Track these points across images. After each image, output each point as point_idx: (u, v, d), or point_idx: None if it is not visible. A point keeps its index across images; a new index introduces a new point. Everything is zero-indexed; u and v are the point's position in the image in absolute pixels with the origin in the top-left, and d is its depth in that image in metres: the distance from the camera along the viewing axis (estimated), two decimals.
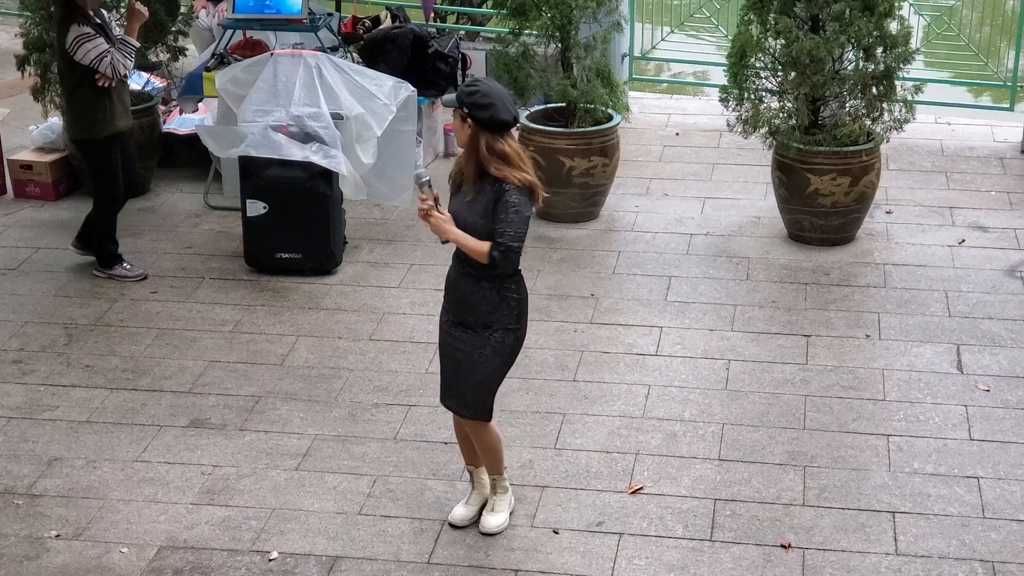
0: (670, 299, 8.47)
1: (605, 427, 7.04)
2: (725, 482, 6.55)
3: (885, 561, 5.96)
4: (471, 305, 5.85)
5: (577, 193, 9.55)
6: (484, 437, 6.10)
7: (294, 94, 8.85)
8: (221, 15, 11.37)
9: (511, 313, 5.87)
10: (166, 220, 9.86)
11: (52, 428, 7.11)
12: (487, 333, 5.87)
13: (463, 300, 5.88)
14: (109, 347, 7.96)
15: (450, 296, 5.96)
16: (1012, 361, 7.63)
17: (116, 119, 8.61)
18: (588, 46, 9.69)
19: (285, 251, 8.82)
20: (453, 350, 5.96)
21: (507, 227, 5.65)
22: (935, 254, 9.06)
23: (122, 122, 8.69)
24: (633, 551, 6.05)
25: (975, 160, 10.79)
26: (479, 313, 5.84)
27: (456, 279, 5.91)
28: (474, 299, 5.83)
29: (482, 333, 5.87)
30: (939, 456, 6.73)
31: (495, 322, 5.85)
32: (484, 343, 5.87)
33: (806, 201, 9.08)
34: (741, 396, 7.33)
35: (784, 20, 8.94)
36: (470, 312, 5.86)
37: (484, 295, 5.82)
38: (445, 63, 10.64)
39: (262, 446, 6.92)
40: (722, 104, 9.39)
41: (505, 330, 5.87)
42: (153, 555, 6.06)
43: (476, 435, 6.10)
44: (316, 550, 6.08)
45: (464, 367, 5.93)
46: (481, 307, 5.83)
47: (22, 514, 6.37)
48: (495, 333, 5.87)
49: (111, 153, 8.68)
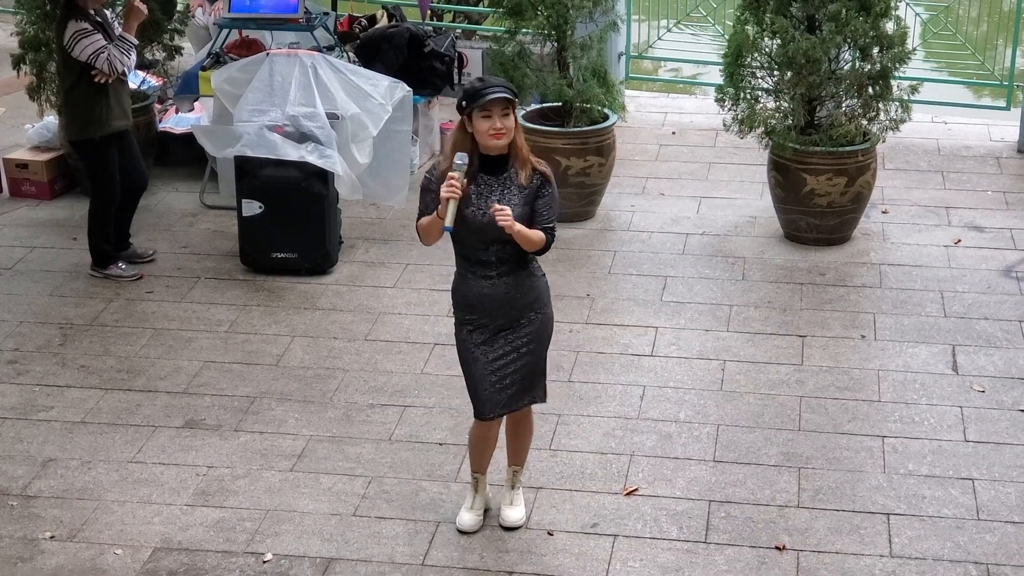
0: (666, 299, 8.47)
1: (600, 428, 7.04)
2: (720, 484, 6.55)
3: (879, 563, 5.96)
4: (514, 300, 5.83)
5: (573, 192, 9.54)
6: (531, 421, 6.24)
7: (290, 94, 8.85)
8: (217, 14, 11.36)
9: (547, 290, 5.98)
10: (162, 219, 9.85)
11: (47, 429, 7.11)
12: (538, 317, 5.91)
13: (507, 301, 5.82)
14: (104, 347, 7.96)
15: (487, 306, 5.83)
16: (1007, 362, 7.64)
17: (113, 119, 8.60)
18: (584, 46, 9.69)
19: (281, 251, 8.82)
20: (517, 354, 5.90)
21: (552, 212, 5.80)
22: (931, 254, 9.06)
23: (120, 123, 8.68)
24: (627, 553, 6.05)
25: (971, 160, 10.79)
26: (525, 304, 5.85)
27: (491, 287, 5.79)
28: (517, 293, 5.82)
29: (534, 320, 5.90)
30: (934, 458, 6.74)
31: (542, 305, 5.92)
32: (541, 328, 5.93)
33: (802, 201, 9.08)
34: (736, 397, 7.33)
35: (780, 20, 8.94)
36: (514, 307, 5.84)
37: (528, 286, 5.85)
38: (441, 62, 10.63)
39: (257, 447, 6.92)
40: (718, 104, 9.39)
41: (547, 308, 5.96)
42: (147, 556, 6.06)
43: (528, 423, 6.18)
44: (311, 552, 6.08)
45: (532, 361, 5.94)
46: (527, 297, 5.85)
47: (16, 515, 6.37)
48: (542, 313, 5.93)
49: (108, 154, 8.67)
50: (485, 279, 5.80)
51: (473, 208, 5.70)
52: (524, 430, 6.20)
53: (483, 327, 5.88)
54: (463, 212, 5.68)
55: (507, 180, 5.74)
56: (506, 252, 5.76)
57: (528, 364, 5.94)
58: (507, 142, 5.68)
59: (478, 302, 5.84)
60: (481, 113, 5.62)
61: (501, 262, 5.78)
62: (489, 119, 5.62)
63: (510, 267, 5.80)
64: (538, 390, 6.09)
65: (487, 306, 5.83)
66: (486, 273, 5.80)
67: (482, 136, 5.64)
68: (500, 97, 5.59)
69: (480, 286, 5.81)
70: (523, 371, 5.94)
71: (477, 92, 5.62)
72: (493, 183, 5.73)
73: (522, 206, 5.72)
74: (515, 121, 5.70)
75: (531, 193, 5.74)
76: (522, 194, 5.73)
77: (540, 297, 5.93)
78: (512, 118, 5.66)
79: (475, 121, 5.64)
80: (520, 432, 6.20)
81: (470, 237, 5.75)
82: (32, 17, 10.08)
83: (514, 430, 6.19)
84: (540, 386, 6.09)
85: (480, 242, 5.75)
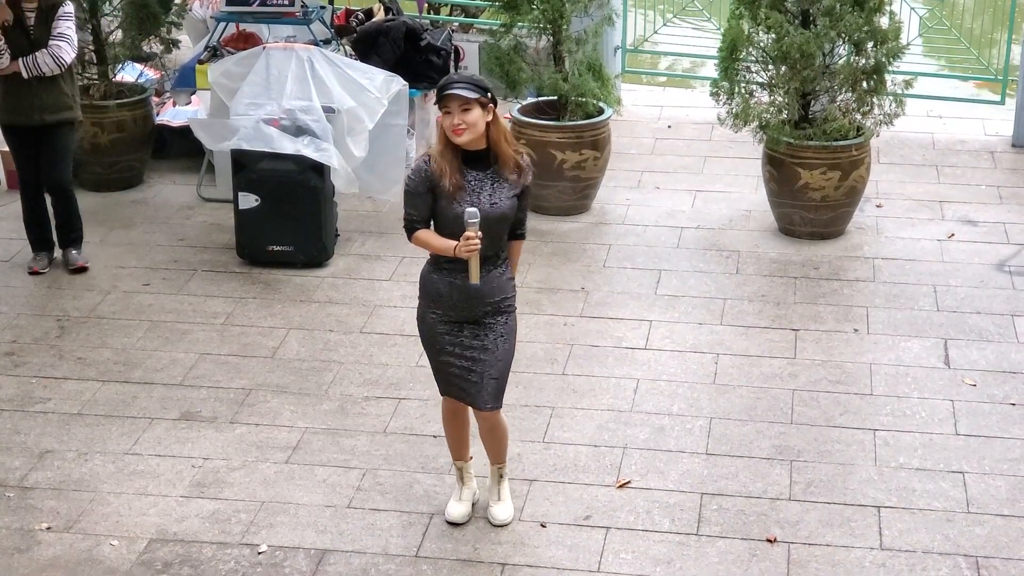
0: (660, 293, 8.50)
1: (594, 421, 7.08)
2: (712, 476, 6.59)
3: (870, 555, 6.00)
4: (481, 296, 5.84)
5: (568, 186, 9.59)
6: (502, 423, 6.18)
7: (286, 87, 8.89)
8: (215, 7, 11.39)
9: (515, 293, 6.00)
10: (159, 212, 9.89)
11: (44, 420, 7.15)
12: (507, 319, 5.94)
13: (476, 296, 5.82)
14: (101, 339, 8.00)
15: (455, 298, 5.85)
16: (999, 356, 7.68)
17: (5, 112, 8.66)
18: (579, 40, 9.73)
19: (277, 244, 8.85)
20: (484, 350, 5.91)
21: (525, 215, 5.98)
22: (924, 248, 9.10)
23: (18, 118, 8.65)
24: (620, 545, 6.09)
25: (966, 154, 10.82)
26: (491, 301, 5.87)
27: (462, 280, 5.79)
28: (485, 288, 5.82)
29: (503, 322, 5.92)
30: (925, 451, 6.78)
31: (508, 305, 5.94)
32: (510, 332, 5.96)
33: (796, 195, 9.12)
34: (729, 390, 7.37)
35: (775, 15, 8.98)
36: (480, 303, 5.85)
37: (498, 285, 5.87)
38: (438, 55, 10.66)
39: (252, 439, 6.96)
40: (713, 98, 9.42)
41: (512, 309, 5.98)
42: (143, 548, 6.10)
43: (496, 423, 6.12)
44: (305, 543, 6.12)
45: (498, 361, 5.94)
46: (494, 295, 5.87)
47: (13, 506, 6.41)
48: (510, 314, 5.96)
49: (11, 141, 8.81)
50: (457, 272, 5.81)
51: (467, 205, 5.70)
52: (499, 433, 6.18)
53: (448, 319, 5.91)
54: (456, 212, 5.69)
55: (495, 174, 5.78)
56: (491, 247, 5.81)
57: (492, 364, 5.92)
58: (469, 138, 5.66)
59: (447, 292, 5.86)
60: (443, 109, 5.68)
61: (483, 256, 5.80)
62: (449, 115, 5.66)
63: (489, 262, 5.83)
64: (500, 391, 6.01)
65: (456, 298, 5.86)
66: (459, 267, 5.80)
67: (447, 131, 5.69)
68: (454, 93, 5.61)
69: (452, 279, 5.83)
70: (486, 371, 5.91)
71: (439, 88, 5.69)
72: (483, 178, 5.76)
73: (511, 199, 5.79)
74: (494, 117, 5.71)
75: (520, 187, 5.84)
76: (512, 188, 5.79)
77: (507, 296, 5.94)
78: (475, 114, 5.64)
79: (442, 116, 5.72)
80: (495, 435, 6.19)
81: (456, 232, 5.75)
82: None
83: (488, 434, 6.20)
84: (501, 388, 6.01)
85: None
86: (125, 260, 9.05)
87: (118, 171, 10.28)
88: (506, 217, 5.80)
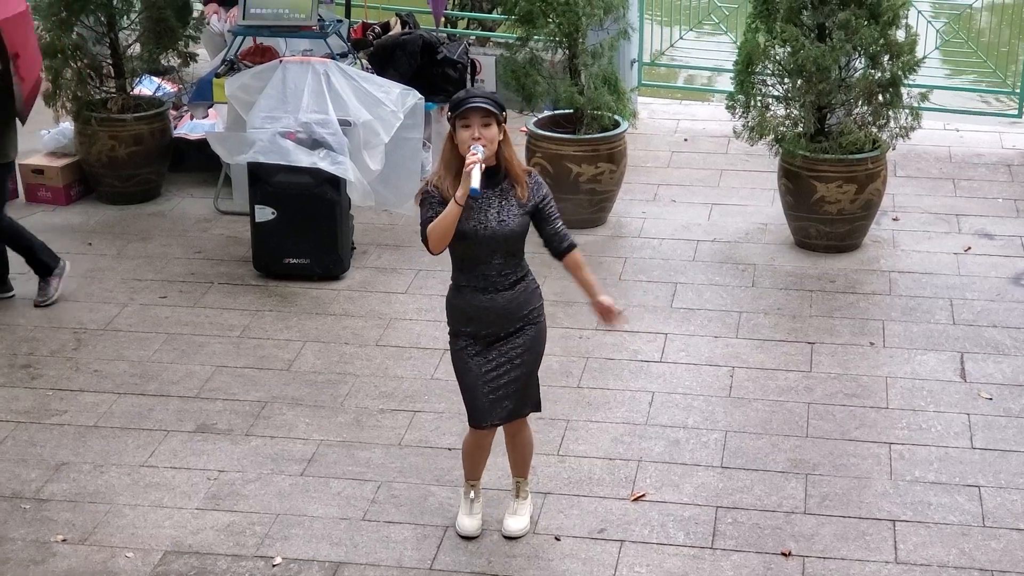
0: (676, 306, 8.50)
1: (608, 434, 7.08)
2: (727, 490, 6.58)
3: (885, 569, 5.99)
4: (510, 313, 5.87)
5: (584, 199, 9.59)
6: (529, 432, 6.23)
7: (302, 101, 8.91)
8: (232, 21, 11.43)
9: (541, 300, 6.03)
10: (176, 225, 9.92)
11: (60, 433, 7.17)
12: (532, 328, 5.95)
13: (504, 314, 5.85)
14: (118, 352, 8.02)
15: (484, 319, 5.87)
16: (1015, 369, 7.66)
17: None
18: (595, 53, 9.73)
19: (293, 256, 8.88)
20: (511, 364, 5.92)
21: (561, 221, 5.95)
22: (941, 261, 9.08)
23: None
24: (634, 558, 6.09)
25: (983, 167, 10.80)
26: (520, 315, 5.89)
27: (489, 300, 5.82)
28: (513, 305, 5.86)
29: (527, 331, 5.93)
30: (940, 464, 6.76)
31: (536, 315, 5.97)
32: (535, 339, 5.97)
33: (812, 208, 9.11)
34: (744, 403, 7.36)
35: (790, 28, 8.98)
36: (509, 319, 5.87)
37: (524, 298, 5.89)
38: (454, 69, 10.68)
39: (268, 451, 6.97)
40: (729, 111, 9.43)
41: (541, 318, 6.01)
42: (158, 560, 6.12)
43: (524, 433, 6.18)
44: (320, 556, 6.13)
45: (526, 372, 5.97)
46: (523, 309, 5.89)
47: (29, 518, 6.43)
48: (536, 324, 5.97)
49: None
50: (483, 292, 5.83)
51: (475, 223, 5.73)
52: (522, 441, 6.22)
53: (478, 339, 5.92)
54: (464, 228, 5.71)
55: (503, 192, 5.79)
56: (508, 264, 5.82)
57: (523, 375, 5.96)
58: (487, 154, 5.67)
59: (475, 315, 5.87)
60: (461, 122, 5.66)
61: (502, 274, 5.82)
62: (468, 128, 5.65)
63: (510, 279, 5.85)
64: (532, 401, 6.11)
65: (484, 319, 5.87)
66: (486, 286, 5.83)
67: (463, 146, 5.67)
68: (478, 106, 5.63)
69: (479, 300, 5.85)
70: (517, 382, 5.96)
71: (459, 101, 5.68)
72: (491, 196, 5.76)
73: (521, 216, 5.79)
74: (504, 135, 5.73)
75: (532, 205, 5.82)
76: (521, 205, 5.80)
77: (535, 307, 5.97)
78: (495, 130, 5.67)
79: (457, 132, 5.69)
80: (518, 444, 6.22)
81: (474, 250, 5.77)
82: (48, 24, 10.15)
83: (512, 442, 6.22)
84: (534, 396, 6.12)
85: (485, 253, 5.79)
86: (142, 272, 9.08)
87: (135, 184, 10.32)
88: (517, 234, 5.79)
